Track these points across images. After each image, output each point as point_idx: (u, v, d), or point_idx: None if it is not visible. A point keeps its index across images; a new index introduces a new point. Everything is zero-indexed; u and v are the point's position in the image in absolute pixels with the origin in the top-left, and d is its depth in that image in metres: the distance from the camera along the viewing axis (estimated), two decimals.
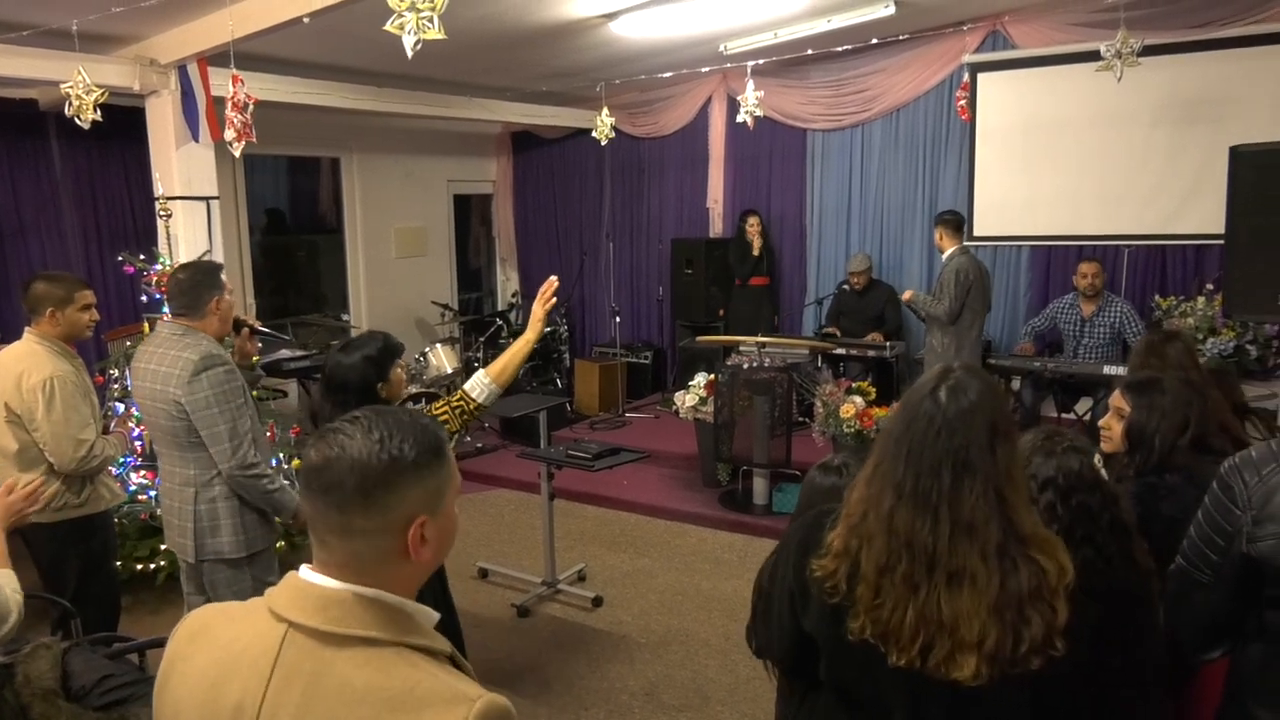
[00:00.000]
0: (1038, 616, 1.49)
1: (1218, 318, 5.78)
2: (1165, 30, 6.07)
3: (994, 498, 1.51)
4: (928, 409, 1.55)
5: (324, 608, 1.12)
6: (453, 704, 1.07)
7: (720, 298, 8.14)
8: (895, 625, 1.51)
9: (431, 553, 1.18)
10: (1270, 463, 1.62)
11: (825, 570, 1.58)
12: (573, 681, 3.96)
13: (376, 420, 1.16)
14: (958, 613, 1.49)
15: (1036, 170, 6.91)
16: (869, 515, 1.57)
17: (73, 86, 4.28)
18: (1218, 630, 1.77)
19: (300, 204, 8.98)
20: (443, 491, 1.19)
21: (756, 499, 5.82)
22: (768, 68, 7.21)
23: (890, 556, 1.53)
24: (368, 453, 1.12)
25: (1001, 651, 1.48)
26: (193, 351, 2.89)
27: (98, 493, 3.57)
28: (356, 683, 1.08)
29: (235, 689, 1.12)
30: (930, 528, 1.51)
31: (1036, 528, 1.56)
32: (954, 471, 1.51)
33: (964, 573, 1.49)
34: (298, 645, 1.11)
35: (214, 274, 3.08)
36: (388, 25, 3.06)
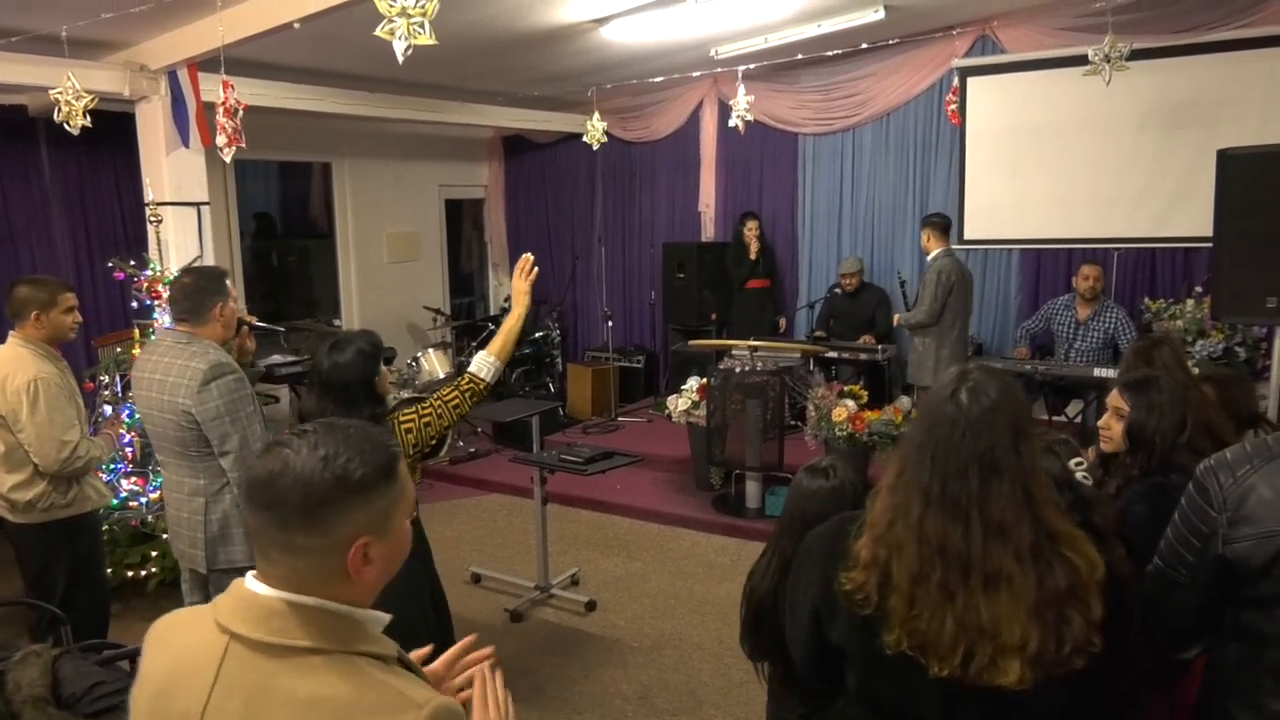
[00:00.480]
0: (1076, 615, 1.48)
1: (1206, 320, 5.81)
2: (1153, 34, 6.10)
3: (1023, 497, 1.50)
4: (949, 412, 1.54)
5: (265, 619, 1.11)
6: (400, 712, 1.07)
7: (713, 301, 8.15)
8: (934, 635, 1.48)
9: (376, 573, 1.16)
10: (1245, 464, 1.63)
11: (855, 583, 1.54)
12: (566, 686, 3.96)
13: (326, 436, 1.14)
14: (998, 617, 1.46)
15: (1026, 174, 6.94)
16: (896, 524, 1.54)
17: (62, 92, 4.27)
18: (1195, 629, 1.79)
19: (291, 209, 8.97)
20: (391, 513, 1.17)
21: (749, 502, 5.83)
22: (758, 72, 7.24)
23: (923, 565, 1.50)
24: (312, 470, 1.10)
25: (1045, 654, 1.46)
26: (200, 360, 2.86)
27: (84, 494, 3.57)
28: (300, 694, 1.07)
29: (181, 698, 1.13)
30: (962, 532, 1.49)
31: (1064, 524, 1.55)
32: (981, 473, 1.50)
33: (1000, 575, 1.47)
34: (239, 657, 1.11)
35: (219, 279, 3.05)
36: (378, 30, 3.07)
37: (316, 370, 2.69)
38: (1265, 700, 1.60)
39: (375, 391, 2.70)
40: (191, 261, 5.21)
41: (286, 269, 8.67)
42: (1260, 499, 1.58)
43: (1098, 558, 1.54)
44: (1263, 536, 1.57)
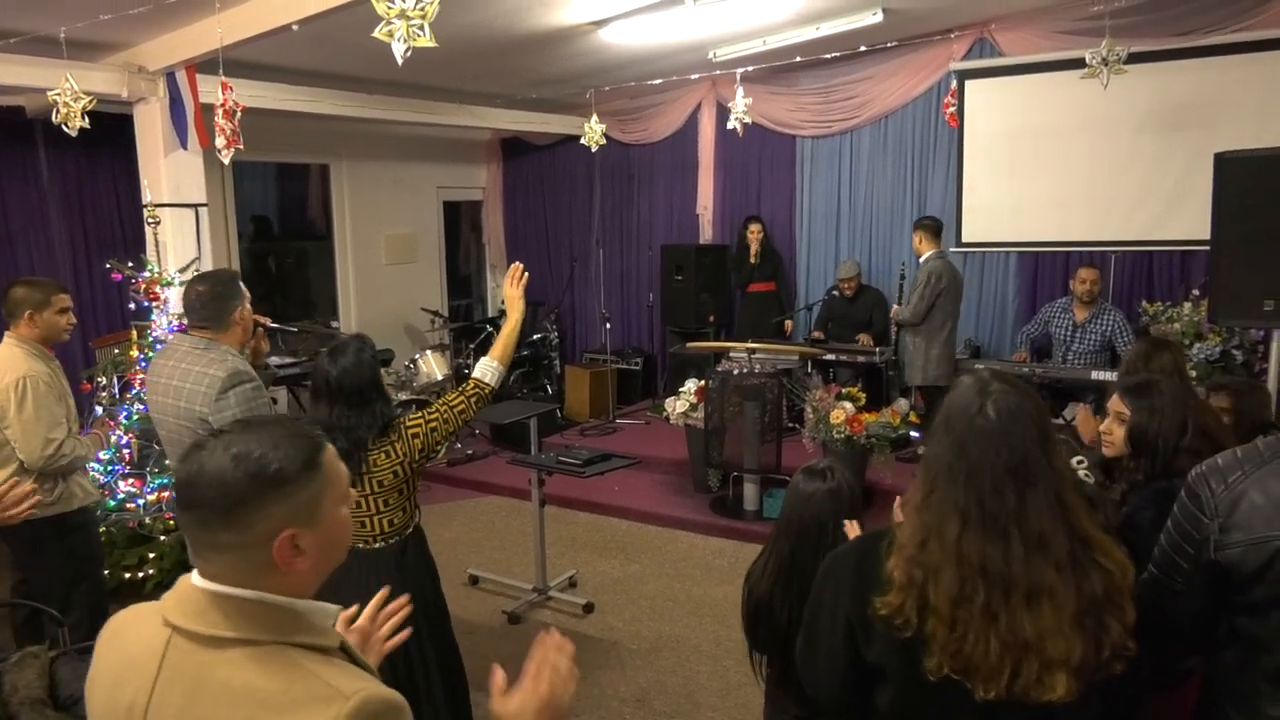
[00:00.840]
0: (1114, 621, 1.47)
1: (1204, 323, 5.81)
2: (1150, 38, 6.11)
3: (1057, 504, 1.48)
4: (980, 427, 1.50)
5: (204, 612, 1.14)
6: (327, 703, 1.09)
7: (711, 304, 8.15)
8: (979, 658, 1.45)
9: (311, 563, 1.19)
10: (1236, 470, 1.62)
11: (890, 606, 1.50)
12: None
13: (240, 435, 1.17)
14: (1042, 631, 1.44)
15: (1024, 177, 6.95)
16: (929, 544, 1.50)
17: (60, 94, 4.26)
18: (1191, 636, 1.78)
19: (289, 210, 8.96)
20: (317, 502, 1.18)
21: (747, 504, 5.83)
22: (757, 74, 7.24)
23: (964, 586, 1.46)
24: (225, 470, 1.13)
25: (1087, 663, 1.44)
26: (219, 368, 2.84)
27: (70, 491, 3.59)
28: (234, 684, 1.10)
29: (129, 690, 1.16)
30: (1003, 551, 1.46)
31: (1094, 528, 1.53)
32: (1018, 487, 1.47)
33: (1042, 589, 1.45)
34: (180, 649, 1.15)
35: (234, 284, 3.03)
36: (376, 32, 3.06)
37: (324, 380, 2.66)
38: (1262, 705, 1.60)
39: (384, 390, 2.73)
40: (190, 263, 5.22)
41: (284, 271, 8.66)
42: (1252, 504, 1.58)
43: (1127, 561, 1.53)
44: (1254, 542, 1.57)
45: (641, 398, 8.72)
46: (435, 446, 2.72)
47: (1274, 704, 1.58)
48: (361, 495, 2.66)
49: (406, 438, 2.64)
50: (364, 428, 2.63)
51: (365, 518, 2.68)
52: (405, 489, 2.69)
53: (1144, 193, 6.53)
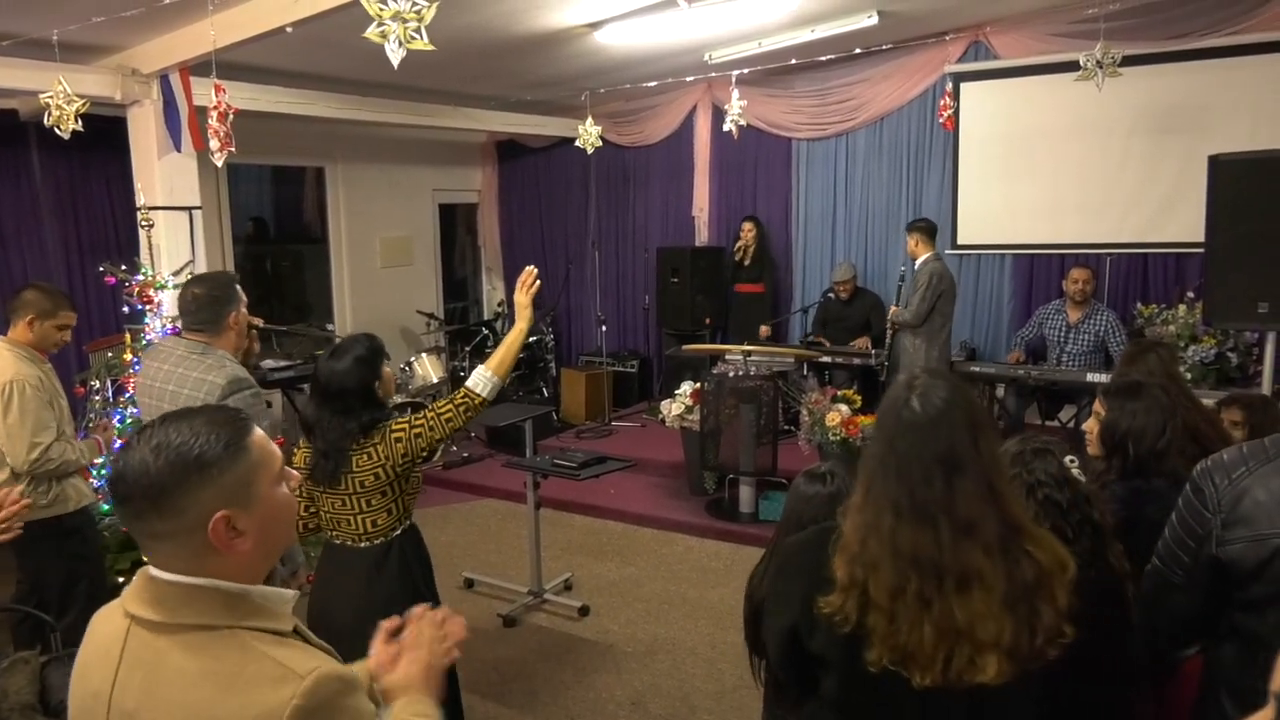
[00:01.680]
0: (1045, 606, 1.50)
1: (1199, 325, 5.82)
2: (1144, 41, 6.12)
3: (986, 491, 1.52)
4: (906, 418, 1.55)
5: (159, 600, 1.18)
6: (281, 683, 1.12)
7: (706, 306, 8.14)
8: (915, 646, 1.49)
9: (252, 543, 1.21)
10: (1240, 466, 1.63)
11: (833, 606, 1.55)
12: (559, 691, 3.94)
13: (161, 427, 1.20)
14: (972, 615, 1.48)
15: (1019, 179, 6.96)
16: (869, 541, 1.54)
17: (53, 97, 4.25)
18: (1190, 629, 1.80)
19: (285, 214, 8.95)
20: (247, 483, 1.20)
21: (743, 507, 5.82)
22: (752, 77, 7.24)
23: (899, 578, 1.50)
24: (146, 461, 1.16)
25: (1019, 646, 1.48)
26: (218, 375, 2.81)
27: (64, 494, 3.59)
28: (190, 668, 1.14)
29: (95, 679, 1.21)
30: (933, 538, 1.50)
31: (1026, 518, 1.57)
32: (945, 475, 1.51)
33: (971, 573, 1.49)
34: (139, 637, 1.19)
35: (231, 286, 3.00)
36: (368, 32, 3.05)
37: (316, 378, 2.69)
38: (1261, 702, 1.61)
39: (373, 397, 2.69)
40: (184, 266, 5.19)
41: (280, 273, 8.65)
42: (1255, 501, 1.59)
43: (1064, 553, 1.56)
44: (1255, 538, 1.57)
45: (637, 400, 8.71)
46: (419, 452, 2.67)
47: None
48: (344, 495, 2.66)
49: (389, 440, 2.63)
50: (340, 433, 2.61)
51: (349, 516, 2.69)
52: (390, 491, 2.67)
53: (1139, 195, 6.54)
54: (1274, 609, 1.57)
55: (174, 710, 1.13)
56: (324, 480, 2.65)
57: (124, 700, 1.17)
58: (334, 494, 2.67)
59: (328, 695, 1.13)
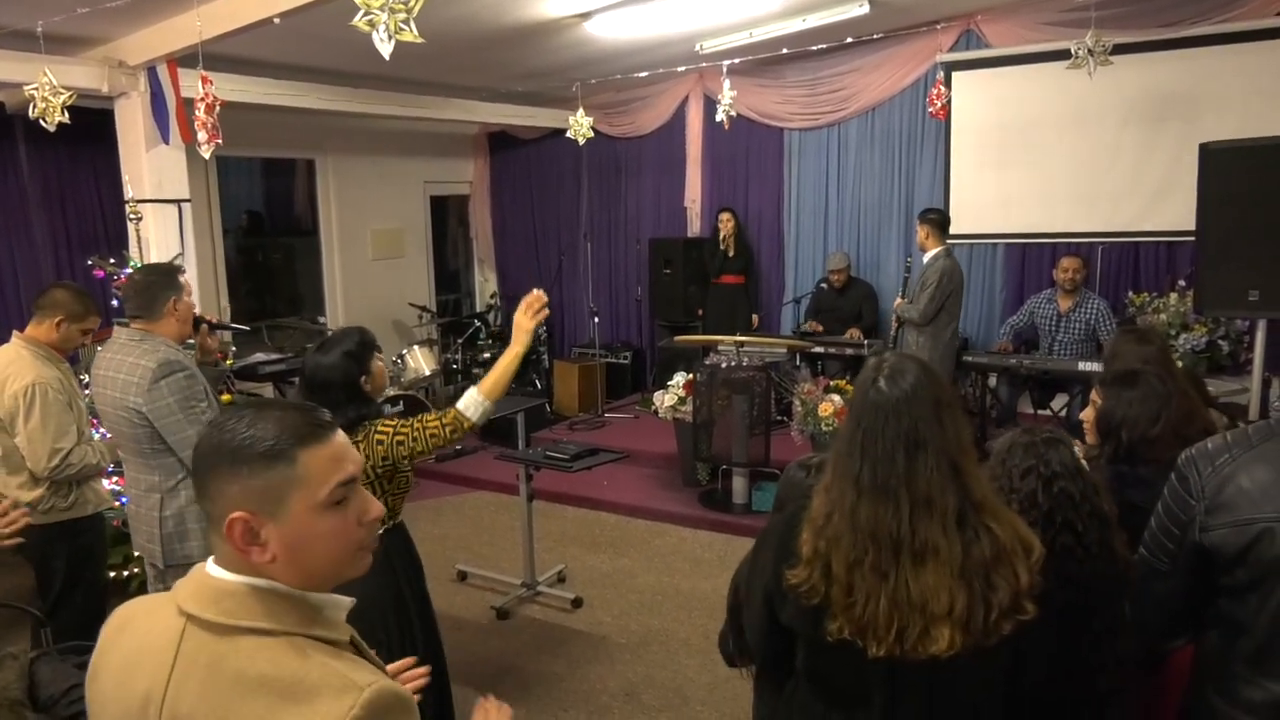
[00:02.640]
0: (1003, 581, 1.53)
1: (1190, 314, 5.84)
2: (1135, 29, 6.12)
3: (948, 468, 1.56)
4: (872, 399, 1.60)
5: (218, 600, 1.14)
6: (342, 693, 1.09)
7: (698, 297, 8.14)
8: (870, 618, 1.53)
9: (274, 559, 1.15)
10: (1223, 454, 1.65)
11: (799, 578, 1.60)
12: (552, 683, 3.95)
13: (244, 410, 1.20)
14: (925, 589, 1.52)
15: (1011, 168, 6.96)
16: (833, 516, 1.60)
17: (38, 89, 4.21)
18: (1178, 617, 1.81)
19: (275, 206, 8.91)
20: (279, 495, 1.14)
21: (736, 498, 5.83)
22: (744, 67, 7.22)
23: (857, 551, 1.56)
24: (206, 440, 1.18)
25: (973, 619, 1.51)
26: (150, 358, 2.85)
27: (84, 497, 3.58)
28: (249, 674, 1.10)
29: (143, 680, 1.16)
30: (893, 512, 1.54)
31: (989, 496, 1.61)
32: (907, 452, 1.55)
33: (927, 548, 1.53)
34: (195, 638, 1.14)
35: (171, 275, 3.03)
36: (354, 21, 3.03)
37: (303, 371, 2.69)
38: (1239, 687, 1.63)
39: (359, 392, 2.66)
40: (174, 259, 5.17)
41: (271, 266, 8.61)
42: (1238, 488, 1.61)
43: (1028, 534, 1.59)
44: (1237, 524, 1.60)
45: (630, 392, 8.70)
46: (400, 459, 2.60)
47: (1250, 686, 1.61)
48: None
49: (371, 441, 2.58)
50: None
51: None
52: (373, 490, 2.66)
53: (1130, 184, 6.55)
54: (1255, 594, 1.59)
55: (232, 716, 1.10)
56: None
57: (178, 704, 1.12)
58: None
59: (384, 709, 1.10)
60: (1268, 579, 1.57)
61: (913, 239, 6.37)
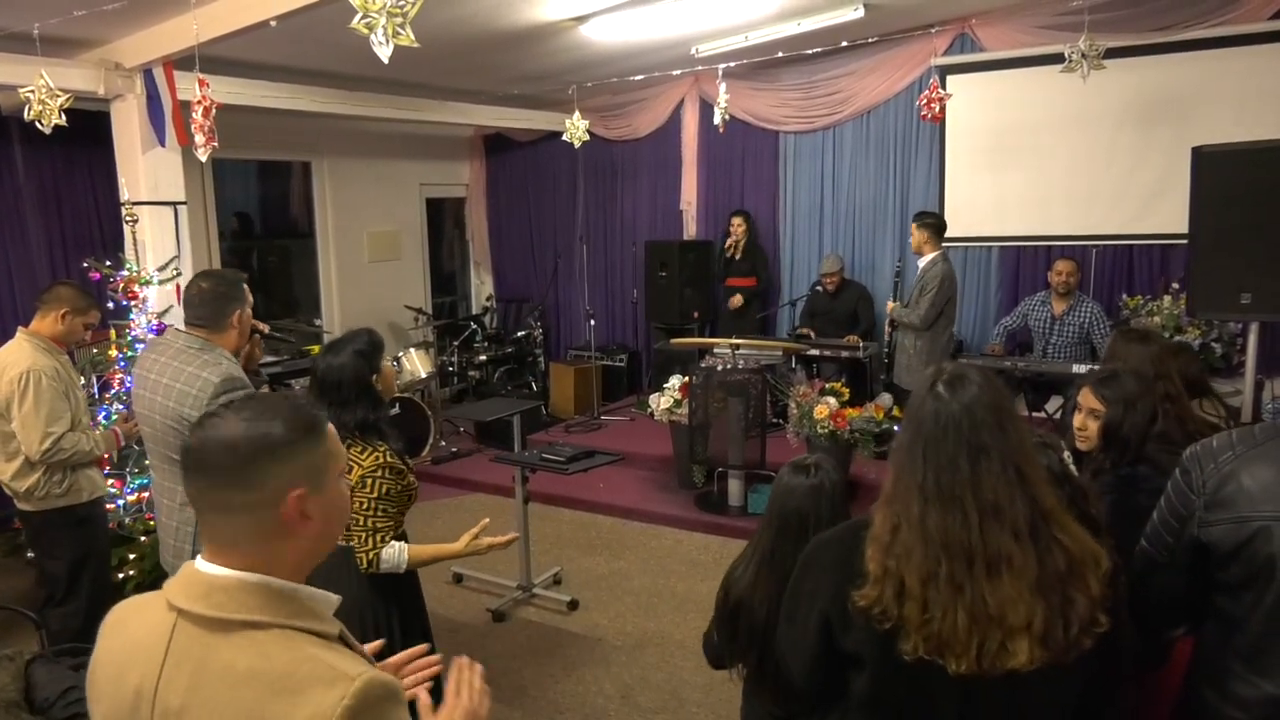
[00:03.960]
0: (1079, 595, 1.50)
1: (1183, 316, 5.86)
2: (1129, 33, 6.15)
3: (1014, 474, 1.52)
4: (932, 407, 1.57)
5: (209, 594, 1.16)
6: (332, 684, 1.10)
7: (694, 300, 8.15)
8: (949, 634, 1.48)
9: (316, 530, 1.23)
10: (1226, 451, 1.67)
11: (869, 599, 1.53)
12: (548, 685, 3.95)
13: (248, 403, 1.23)
14: (1003, 600, 1.47)
15: (1005, 172, 6.98)
16: (900, 529, 1.54)
17: (34, 91, 4.21)
18: (1176, 609, 1.83)
19: (271, 208, 8.90)
20: (321, 468, 1.24)
21: (732, 500, 5.83)
22: (739, 70, 7.24)
23: (930, 563, 1.50)
24: (235, 432, 1.18)
25: (1052, 633, 1.47)
26: (213, 372, 2.77)
27: (79, 484, 3.68)
28: (239, 666, 1.12)
29: (135, 676, 1.18)
30: (961, 520, 1.50)
31: (1058, 506, 1.57)
32: (970, 458, 1.52)
33: (1000, 557, 1.49)
34: (186, 632, 1.16)
35: (238, 285, 2.96)
36: (353, 24, 3.04)
37: (314, 372, 2.69)
38: (1233, 683, 1.64)
39: (371, 391, 2.68)
40: (169, 262, 5.18)
41: (267, 269, 8.60)
42: (1238, 485, 1.63)
43: (1094, 544, 1.56)
44: (1235, 521, 1.62)
45: (626, 394, 8.72)
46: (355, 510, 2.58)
47: (1243, 683, 1.62)
48: None
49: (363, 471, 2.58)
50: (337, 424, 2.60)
51: None
52: None
53: (1124, 186, 6.57)
54: (1249, 592, 1.61)
55: (222, 709, 1.11)
56: None
57: (169, 697, 1.14)
58: None
59: (375, 699, 1.12)
60: (1261, 576, 1.59)
61: (908, 242, 6.38)
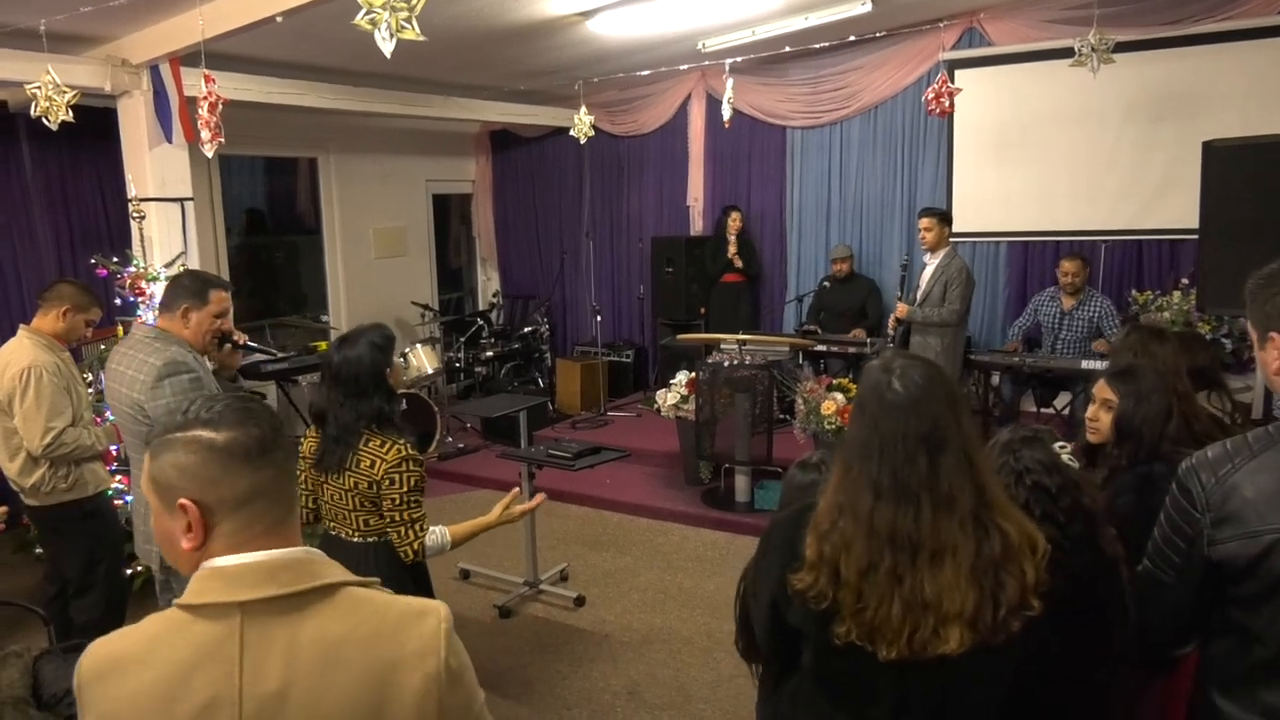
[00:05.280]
0: (1010, 579, 1.52)
1: (1193, 312, 5.83)
2: (1138, 27, 6.12)
3: (966, 465, 1.54)
4: (889, 399, 1.57)
5: (273, 575, 1.16)
6: (422, 616, 1.20)
7: (701, 295, 8.14)
8: (881, 622, 1.52)
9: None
10: (1226, 463, 1.61)
11: (804, 582, 1.57)
12: (555, 681, 3.95)
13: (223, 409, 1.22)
14: (940, 588, 1.50)
15: (1013, 166, 6.95)
16: (841, 521, 1.56)
17: (41, 87, 4.22)
18: (1185, 626, 1.79)
19: (278, 205, 8.91)
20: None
21: (738, 497, 5.83)
22: (746, 65, 7.22)
23: (872, 556, 1.53)
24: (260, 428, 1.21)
25: (982, 617, 1.50)
26: (158, 357, 2.86)
27: (83, 478, 3.72)
28: (331, 630, 1.15)
29: (198, 691, 1.12)
30: (914, 516, 1.52)
31: (1000, 493, 1.60)
32: (929, 453, 1.53)
33: (945, 547, 1.52)
34: (259, 620, 1.14)
35: (202, 285, 3.02)
36: (357, 19, 3.03)
37: (328, 365, 2.71)
38: (1257, 692, 1.60)
39: (386, 384, 2.71)
40: (176, 258, 5.18)
41: (274, 265, 8.61)
42: (1243, 499, 1.57)
43: (1033, 530, 1.59)
44: (1247, 536, 1.56)
45: (633, 390, 8.71)
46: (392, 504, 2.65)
47: (1269, 691, 1.58)
48: (344, 490, 2.68)
49: (388, 466, 2.61)
50: (355, 415, 2.63)
51: (346, 511, 2.71)
52: (359, 506, 2.68)
53: (1133, 181, 6.54)
54: (1267, 605, 1.56)
55: (331, 671, 1.13)
56: (332, 467, 2.66)
57: (263, 685, 1.12)
58: (336, 485, 2.68)
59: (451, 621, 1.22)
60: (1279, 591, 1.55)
61: (914, 238, 6.34)
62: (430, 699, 1.17)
